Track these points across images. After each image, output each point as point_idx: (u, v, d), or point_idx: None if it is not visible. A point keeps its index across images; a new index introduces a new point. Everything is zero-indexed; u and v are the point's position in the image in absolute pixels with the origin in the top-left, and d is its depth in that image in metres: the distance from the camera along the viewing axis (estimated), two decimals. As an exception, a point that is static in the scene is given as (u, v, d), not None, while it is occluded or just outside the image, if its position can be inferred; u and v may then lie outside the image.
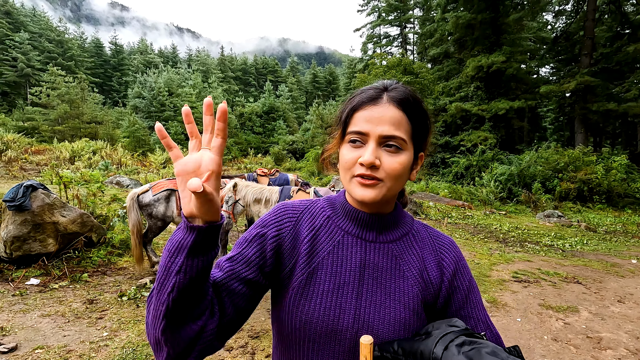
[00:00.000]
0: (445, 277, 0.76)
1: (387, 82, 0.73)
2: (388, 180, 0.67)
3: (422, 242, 0.78)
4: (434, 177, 19.28)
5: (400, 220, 0.79)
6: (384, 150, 0.68)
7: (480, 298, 0.79)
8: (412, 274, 0.74)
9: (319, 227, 0.76)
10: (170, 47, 65.82)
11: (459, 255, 0.79)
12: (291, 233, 0.75)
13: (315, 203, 0.82)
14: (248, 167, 23.36)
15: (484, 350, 0.54)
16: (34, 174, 13.99)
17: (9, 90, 35.19)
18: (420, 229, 0.81)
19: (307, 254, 0.73)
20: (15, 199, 3.94)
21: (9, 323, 2.98)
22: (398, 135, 0.67)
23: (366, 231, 0.75)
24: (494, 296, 4.22)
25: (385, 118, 0.67)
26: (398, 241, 0.76)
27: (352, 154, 0.69)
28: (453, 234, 7.96)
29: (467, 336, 0.60)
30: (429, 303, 0.74)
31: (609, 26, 19.10)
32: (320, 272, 0.71)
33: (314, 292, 0.70)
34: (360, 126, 0.68)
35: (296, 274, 0.72)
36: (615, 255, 6.68)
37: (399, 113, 0.68)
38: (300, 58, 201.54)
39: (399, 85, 0.72)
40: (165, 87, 33.97)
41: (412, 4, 34.48)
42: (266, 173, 6.44)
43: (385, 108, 0.68)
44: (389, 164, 0.67)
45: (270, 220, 0.76)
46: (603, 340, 3.25)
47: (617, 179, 13.07)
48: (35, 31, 40.74)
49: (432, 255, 0.77)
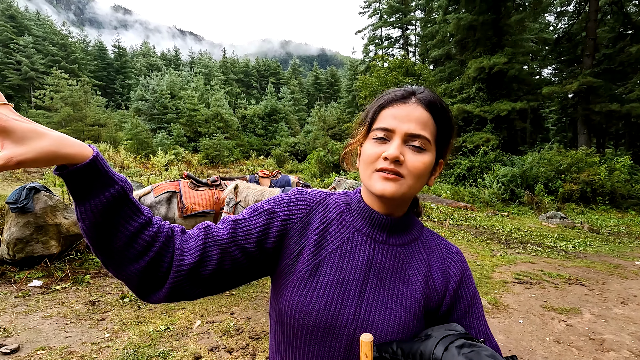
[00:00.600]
0: (451, 286, 0.76)
1: (416, 87, 0.75)
2: (410, 177, 0.68)
3: (430, 249, 0.79)
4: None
5: (411, 226, 0.79)
6: (408, 149, 0.69)
7: (483, 310, 0.79)
8: (417, 279, 0.74)
9: (330, 221, 0.76)
10: (172, 49, 66.13)
11: (465, 266, 0.80)
12: (302, 221, 0.75)
13: (330, 196, 0.82)
14: (250, 169, 23.41)
15: (483, 353, 0.55)
16: (37, 176, 14.08)
17: (13, 93, 35.44)
18: (429, 236, 0.82)
19: (315, 245, 0.73)
20: (18, 201, 3.97)
21: (11, 324, 3.00)
22: (423, 135, 0.68)
23: (377, 231, 0.75)
24: (496, 298, 4.21)
25: (412, 117, 0.69)
26: (407, 245, 0.77)
27: (376, 149, 0.70)
28: (455, 236, 7.94)
29: (467, 339, 0.60)
30: (431, 309, 0.74)
31: (612, 27, 19.01)
32: (326, 266, 0.72)
33: (318, 284, 0.70)
34: (387, 122, 0.70)
35: (300, 264, 0.72)
36: (619, 256, 6.64)
37: (426, 114, 0.70)
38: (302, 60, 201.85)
39: (427, 90, 0.74)
40: (168, 90, 34.15)
41: (413, 5, 34.51)
42: (267, 175, 6.46)
43: (413, 107, 0.70)
44: (412, 162, 0.68)
45: (285, 202, 0.77)
46: (606, 342, 3.23)
47: (620, 180, 12.99)
48: (39, 35, 41.05)
49: (439, 263, 0.78)
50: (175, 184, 4.42)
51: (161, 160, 21.25)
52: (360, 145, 0.76)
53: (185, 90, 35.11)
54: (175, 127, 29.93)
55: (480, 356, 0.54)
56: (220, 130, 30.53)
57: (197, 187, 4.49)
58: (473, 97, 19.81)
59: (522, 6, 19.29)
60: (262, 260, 0.73)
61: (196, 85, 37.35)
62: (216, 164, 25.82)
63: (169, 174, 17.13)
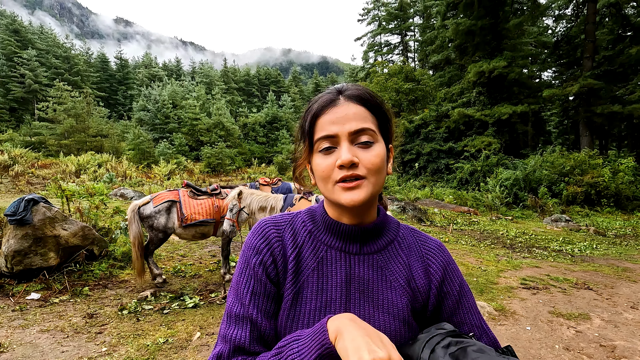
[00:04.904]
0: (433, 285, 0.73)
1: (338, 85, 0.73)
2: (370, 175, 0.66)
3: (408, 249, 0.76)
4: (439, 184, 19.14)
5: (385, 228, 0.76)
6: (357, 148, 0.66)
7: (474, 302, 0.76)
8: (399, 283, 0.71)
9: (301, 244, 0.74)
10: (174, 60, 66.73)
11: (447, 259, 0.76)
12: (281, 253, 0.73)
13: (296, 217, 0.79)
14: (252, 177, 23.41)
15: (470, 349, 0.55)
16: (40, 187, 14.12)
17: (17, 106, 35.78)
18: (407, 234, 0.78)
19: (294, 272, 0.71)
20: (16, 213, 3.94)
21: (7, 339, 2.94)
22: (367, 127, 0.66)
23: (349, 243, 0.72)
24: (502, 304, 4.11)
25: (349, 115, 0.66)
26: (383, 251, 0.73)
27: (327, 161, 0.67)
28: (459, 240, 7.85)
29: (454, 337, 0.60)
30: (418, 311, 0.72)
31: (610, 29, 19.02)
32: (305, 291, 0.70)
33: (301, 312, 0.68)
34: (327, 130, 0.67)
35: (285, 295, 0.70)
36: (627, 259, 6.53)
37: (360, 108, 0.68)
38: (303, 68, 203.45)
39: (350, 85, 0.72)
40: (170, 100, 34.35)
41: (412, 12, 34.78)
42: (268, 182, 6.43)
43: (346, 107, 0.68)
44: (367, 159, 0.65)
45: (261, 244, 0.73)
46: (617, 348, 3.13)
47: (624, 181, 12.88)
48: (43, 48, 41.54)
49: (419, 261, 0.75)
50: (174, 193, 4.39)
51: (163, 169, 21.28)
52: (309, 162, 0.74)
53: (186, 99, 35.32)
54: (177, 137, 30.03)
55: (466, 353, 0.54)
56: (221, 138, 30.59)
57: (197, 196, 4.45)
58: (473, 101, 19.81)
59: (520, 10, 19.39)
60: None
61: (197, 94, 37.57)
62: (218, 173, 25.83)
63: (171, 183, 17.14)
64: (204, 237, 4.55)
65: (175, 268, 5.05)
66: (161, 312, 3.59)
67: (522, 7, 19.61)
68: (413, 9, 34.49)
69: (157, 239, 4.26)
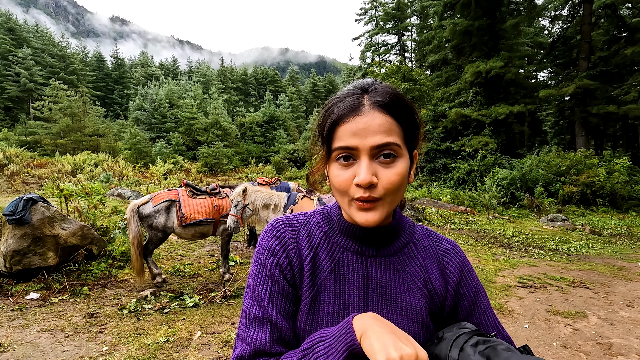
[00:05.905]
0: (450, 286, 0.73)
1: (365, 82, 0.66)
2: (388, 196, 0.62)
3: (424, 251, 0.75)
4: (436, 183, 19.22)
5: (400, 229, 0.75)
6: (378, 163, 0.61)
7: (489, 302, 0.76)
8: (416, 286, 0.71)
9: (317, 246, 0.73)
10: (171, 59, 66.47)
11: (463, 261, 0.76)
12: (296, 254, 0.72)
13: (311, 217, 0.78)
14: (249, 177, 23.37)
15: (499, 347, 0.54)
16: (36, 187, 14.03)
17: (12, 105, 35.53)
18: (423, 235, 0.78)
19: (310, 275, 0.70)
20: (15, 212, 3.93)
21: (7, 339, 2.93)
22: (392, 142, 0.60)
23: (365, 247, 0.72)
24: (500, 302, 4.15)
25: (373, 128, 0.60)
26: (399, 253, 0.73)
27: (345, 174, 0.62)
28: (456, 240, 7.89)
29: (479, 336, 0.60)
30: (436, 313, 0.72)
31: (606, 29, 19.18)
32: (323, 294, 0.69)
33: (320, 315, 0.68)
34: (346, 141, 0.61)
35: (303, 298, 0.70)
36: (622, 258, 6.60)
37: (386, 119, 0.61)
38: (300, 68, 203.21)
39: (378, 85, 0.65)
40: (166, 99, 34.22)
41: (409, 12, 34.83)
42: (267, 182, 6.43)
43: (370, 116, 0.60)
44: (387, 178, 0.61)
45: (277, 246, 0.72)
46: (614, 346, 3.17)
47: (620, 181, 13.00)
48: (38, 46, 41.25)
49: (435, 263, 0.74)
50: (174, 192, 4.39)
51: (160, 169, 21.21)
52: (325, 166, 0.69)
53: (183, 99, 35.18)
54: (174, 136, 29.93)
55: (496, 351, 0.54)
56: (219, 138, 30.53)
57: (196, 196, 4.45)
58: (470, 101, 19.89)
59: (517, 11, 19.49)
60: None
61: (194, 94, 37.43)
62: (215, 172, 25.77)
63: (168, 183, 17.08)
64: (203, 237, 4.56)
65: (175, 268, 5.05)
66: (161, 312, 3.59)
67: (519, 7, 19.72)
68: (410, 9, 34.54)
69: (157, 239, 4.25)
